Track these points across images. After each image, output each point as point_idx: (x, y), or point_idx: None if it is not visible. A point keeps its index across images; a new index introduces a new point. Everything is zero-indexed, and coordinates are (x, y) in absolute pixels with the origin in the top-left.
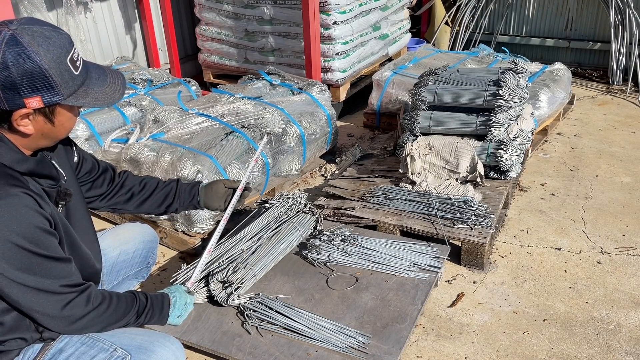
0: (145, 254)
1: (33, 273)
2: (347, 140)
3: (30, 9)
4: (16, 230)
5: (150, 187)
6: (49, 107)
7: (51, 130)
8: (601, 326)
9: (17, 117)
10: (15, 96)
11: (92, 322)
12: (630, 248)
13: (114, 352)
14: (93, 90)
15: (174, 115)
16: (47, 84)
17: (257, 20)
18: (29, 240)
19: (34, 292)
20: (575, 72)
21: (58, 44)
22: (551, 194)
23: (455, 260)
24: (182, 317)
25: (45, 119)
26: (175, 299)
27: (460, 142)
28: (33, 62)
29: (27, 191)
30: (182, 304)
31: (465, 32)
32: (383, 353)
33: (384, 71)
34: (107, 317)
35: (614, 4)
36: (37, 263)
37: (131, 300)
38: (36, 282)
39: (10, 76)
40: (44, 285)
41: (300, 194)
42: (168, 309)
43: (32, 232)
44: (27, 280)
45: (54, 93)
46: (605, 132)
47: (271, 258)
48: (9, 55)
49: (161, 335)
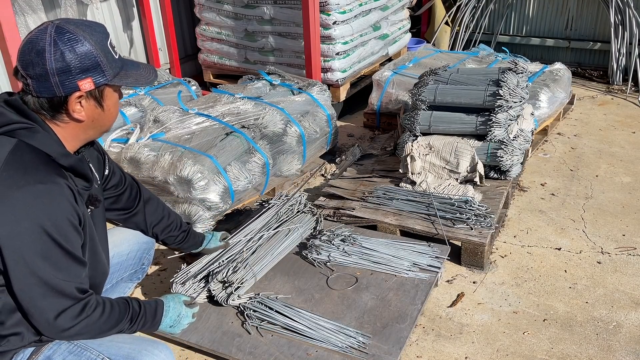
0: (140, 256)
1: (50, 264)
2: (347, 140)
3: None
4: (49, 216)
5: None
6: (99, 89)
7: (100, 116)
8: (601, 326)
9: (72, 101)
10: (69, 80)
11: (85, 330)
12: (630, 248)
13: None
14: (131, 72)
15: (174, 115)
16: (96, 64)
17: (257, 20)
18: (58, 230)
19: (41, 285)
20: (575, 72)
21: (98, 30)
22: (551, 194)
23: (455, 260)
24: (175, 328)
25: (96, 103)
26: (169, 308)
27: (461, 142)
28: (82, 45)
29: (69, 183)
30: (174, 315)
31: (465, 32)
32: (383, 353)
33: (384, 71)
34: (100, 325)
35: (614, 4)
36: (58, 256)
37: (124, 308)
38: (48, 275)
39: (63, 60)
40: (55, 280)
41: (300, 194)
42: (160, 318)
43: (63, 224)
44: (41, 270)
45: (102, 74)
46: (605, 132)
47: (271, 258)
48: (60, 41)
49: (149, 343)
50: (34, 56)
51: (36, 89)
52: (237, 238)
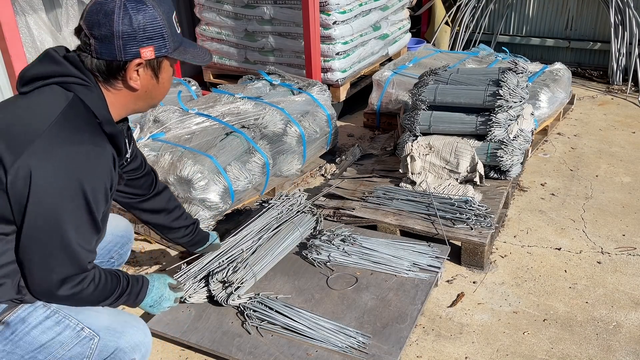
0: (109, 248)
1: (76, 227)
2: (347, 140)
3: (28, 11)
4: (91, 179)
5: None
6: (158, 59)
7: (154, 88)
8: (601, 326)
9: (131, 67)
10: (132, 45)
11: (74, 300)
12: (630, 248)
13: (80, 332)
14: (189, 49)
15: (174, 115)
16: (160, 34)
17: (257, 20)
18: (94, 195)
19: (61, 246)
20: (575, 72)
21: (165, 2)
22: (551, 194)
23: (455, 260)
24: (154, 309)
25: (152, 74)
26: (152, 288)
27: (461, 142)
28: (150, 13)
29: (112, 150)
30: (156, 296)
31: (465, 32)
32: (383, 353)
33: (384, 71)
34: (89, 298)
35: (614, 4)
36: (84, 220)
37: (115, 285)
38: (71, 237)
39: (130, 25)
40: (74, 245)
41: (300, 194)
42: (143, 297)
43: (100, 189)
44: (67, 231)
45: (164, 45)
46: (605, 132)
47: (271, 258)
48: (129, 5)
49: (129, 315)
50: (102, 17)
51: (98, 50)
52: (237, 238)
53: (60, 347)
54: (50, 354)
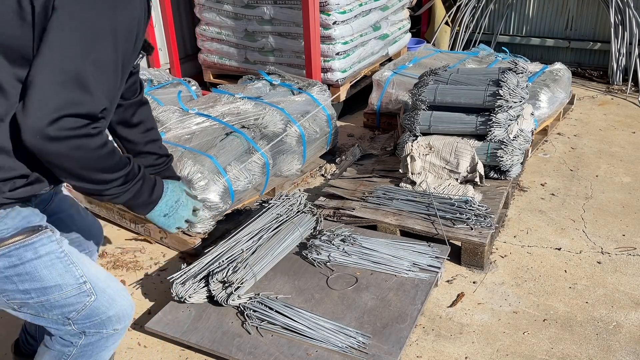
0: None
1: (98, 59)
2: (347, 140)
3: None
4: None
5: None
6: None
7: None
8: (601, 326)
9: None
10: None
11: (72, 152)
12: (630, 248)
13: (82, 285)
14: None
15: (174, 115)
16: None
17: (257, 20)
18: (122, 28)
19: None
20: (575, 72)
21: None
22: (551, 194)
23: (455, 260)
24: (170, 219)
25: None
26: (167, 190)
27: (461, 142)
28: None
29: (145, 3)
30: (172, 200)
31: (465, 32)
32: (383, 353)
33: (384, 71)
34: (92, 157)
35: (614, 4)
36: (106, 51)
37: (125, 161)
38: (89, 66)
39: None
40: (90, 78)
41: (300, 194)
42: (158, 196)
43: (132, 29)
44: (88, 57)
45: None
46: (605, 132)
47: (271, 258)
48: None
49: (120, 284)
50: None
51: None
52: (237, 238)
53: (56, 289)
54: (44, 291)
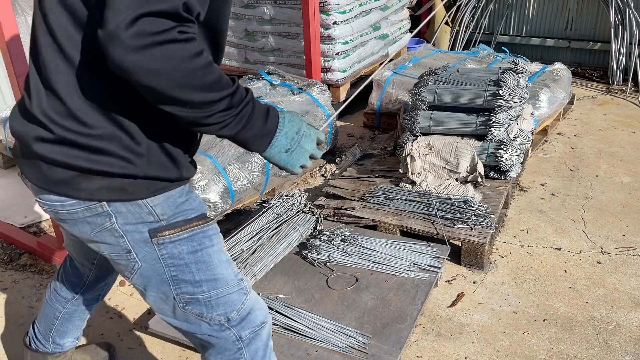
0: None
1: None
2: (347, 140)
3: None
4: None
5: None
6: None
7: None
8: (601, 326)
9: None
10: None
11: (160, 62)
12: (630, 248)
13: (240, 282)
14: None
15: None
16: None
17: (257, 20)
18: None
19: None
20: (575, 72)
21: None
22: (551, 194)
23: (455, 260)
24: (294, 154)
25: None
26: (284, 119)
27: (460, 142)
28: None
29: None
30: (292, 132)
31: (465, 32)
32: (383, 353)
33: (384, 71)
34: (187, 67)
35: (614, 4)
36: None
37: (227, 80)
38: None
39: None
40: None
41: (300, 194)
42: (275, 124)
43: None
44: None
45: None
46: (605, 132)
47: (271, 258)
48: None
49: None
50: None
51: None
52: (237, 238)
53: (223, 282)
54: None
